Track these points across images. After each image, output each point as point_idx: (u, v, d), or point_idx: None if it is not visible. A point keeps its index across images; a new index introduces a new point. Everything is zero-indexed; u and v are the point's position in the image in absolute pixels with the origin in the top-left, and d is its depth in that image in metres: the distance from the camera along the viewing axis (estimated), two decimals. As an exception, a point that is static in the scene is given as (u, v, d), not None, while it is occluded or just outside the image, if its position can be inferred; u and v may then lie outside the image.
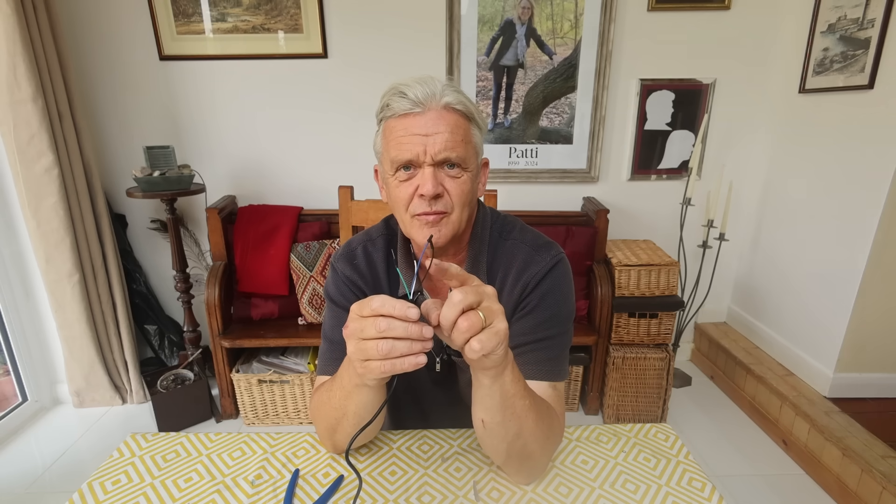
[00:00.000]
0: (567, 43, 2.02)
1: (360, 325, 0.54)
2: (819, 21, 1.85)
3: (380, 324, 0.52)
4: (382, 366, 0.53)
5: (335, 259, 0.85)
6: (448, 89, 0.70)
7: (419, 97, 0.68)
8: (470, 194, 0.73)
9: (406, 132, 0.69)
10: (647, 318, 1.91)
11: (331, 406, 0.71)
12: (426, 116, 0.68)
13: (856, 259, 1.70)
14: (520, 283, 0.77)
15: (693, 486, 0.72)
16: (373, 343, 0.52)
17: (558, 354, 0.76)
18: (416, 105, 0.68)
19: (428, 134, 0.68)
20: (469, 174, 0.72)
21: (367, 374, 0.56)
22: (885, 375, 1.79)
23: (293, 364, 1.98)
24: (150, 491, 0.71)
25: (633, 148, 2.16)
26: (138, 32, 1.98)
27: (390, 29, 2.01)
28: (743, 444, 1.87)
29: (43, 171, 1.77)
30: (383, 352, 0.52)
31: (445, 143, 0.68)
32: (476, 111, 0.73)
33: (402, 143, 0.69)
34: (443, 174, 0.70)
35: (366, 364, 0.54)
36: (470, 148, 0.71)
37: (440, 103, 0.69)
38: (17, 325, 2.01)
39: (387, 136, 0.72)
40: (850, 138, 1.74)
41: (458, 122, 0.70)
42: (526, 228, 0.84)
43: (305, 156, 2.16)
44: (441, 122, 0.68)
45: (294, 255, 2.00)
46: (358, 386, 0.64)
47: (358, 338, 0.54)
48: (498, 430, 0.65)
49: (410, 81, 0.69)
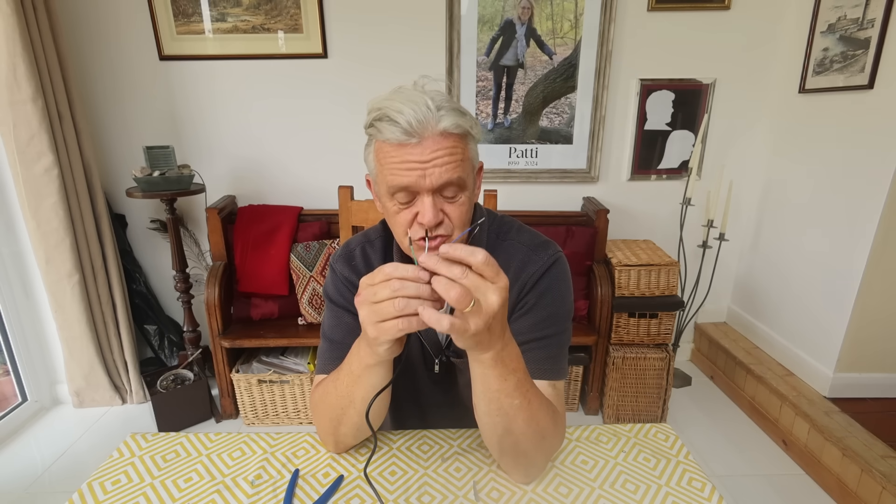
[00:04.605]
0: (567, 43, 2.02)
1: (373, 290, 0.56)
2: (819, 21, 1.85)
3: (393, 284, 0.55)
4: (399, 323, 0.55)
5: (334, 260, 0.86)
6: (444, 111, 0.65)
7: (413, 125, 0.63)
8: (468, 213, 0.72)
9: (402, 160, 0.65)
10: (647, 318, 1.91)
11: (336, 395, 0.72)
12: (422, 146, 0.64)
13: (856, 259, 1.70)
14: (518, 282, 0.77)
15: (693, 486, 0.72)
16: (387, 303, 0.55)
17: (557, 353, 0.76)
18: (411, 135, 0.64)
19: (426, 161, 0.64)
20: (467, 193, 0.70)
21: (382, 336, 0.58)
22: (885, 375, 1.79)
23: (293, 364, 1.98)
24: (150, 491, 0.71)
25: (633, 148, 2.16)
26: (138, 32, 1.98)
27: (390, 29, 2.01)
28: (743, 444, 1.87)
29: (43, 171, 1.77)
30: (399, 307, 0.54)
31: (444, 168, 0.65)
32: (472, 124, 0.69)
33: (398, 171, 0.66)
34: (441, 200, 0.68)
35: (380, 325, 0.57)
36: (467, 165, 0.69)
37: (437, 130, 0.64)
38: (17, 325, 2.01)
39: (380, 160, 0.68)
40: (850, 138, 1.74)
41: (456, 144, 0.66)
42: (523, 228, 0.84)
43: (305, 156, 2.16)
44: (438, 147, 0.65)
45: (294, 255, 2.00)
46: (369, 366, 0.66)
47: (371, 301, 0.57)
48: (484, 420, 0.67)
49: (399, 102, 0.64)
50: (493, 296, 0.53)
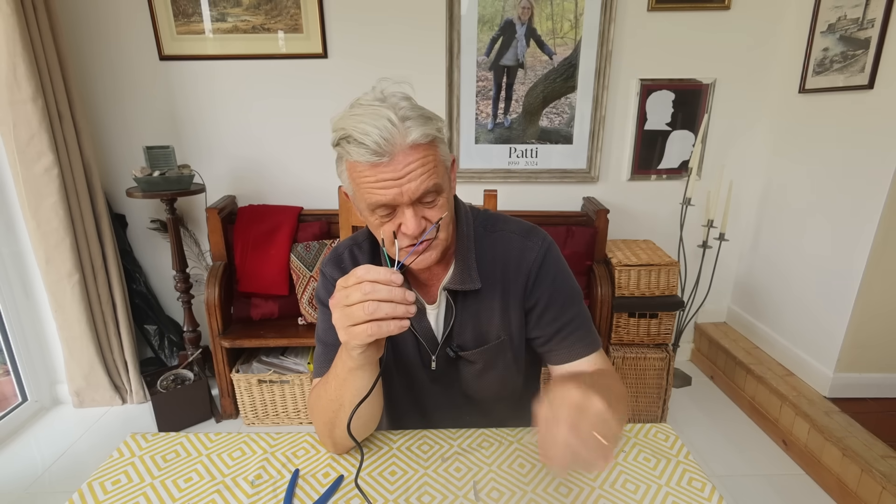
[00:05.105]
0: (567, 43, 2.02)
1: (346, 293, 0.56)
2: (819, 21, 1.85)
3: (364, 287, 0.54)
4: (369, 328, 0.55)
5: (324, 264, 0.87)
6: (409, 122, 0.64)
7: (380, 145, 0.62)
8: (449, 209, 0.73)
9: (376, 179, 0.65)
10: (647, 318, 1.91)
11: (327, 399, 0.72)
12: (394, 163, 0.64)
13: (856, 259, 1.70)
14: (522, 271, 0.81)
15: (693, 486, 0.72)
16: (358, 306, 0.55)
17: (588, 326, 0.83)
18: (380, 155, 0.63)
19: (400, 178, 0.64)
20: (445, 194, 0.71)
21: (353, 340, 0.58)
22: (885, 375, 1.79)
23: (293, 364, 1.98)
24: (150, 491, 0.71)
25: (633, 148, 2.16)
26: (138, 32, 1.98)
27: (390, 29, 2.01)
28: (743, 444, 1.87)
29: (43, 171, 1.77)
30: (368, 311, 0.54)
31: (419, 180, 0.65)
32: (438, 128, 0.68)
33: (374, 190, 0.66)
34: (422, 208, 0.69)
35: (351, 329, 0.56)
36: (441, 169, 0.69)
37: (405, 144, 0.64)
38: (17, 325, 2.01)
39: (354, 179, 0.68)
40: (849, 138, 1.74)
41: (427, 153, 0.66)
42: (509, 219, 0.86)
43: (305, 156, 2.16)
44: (410, 160, 0.64)
45: (294, 255, 2.00)
46: (352, 370, 0.66)
47: (343, 304, 0.56)
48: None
49: (363, 122, 0.62)
50: (616, 426, 0.53)
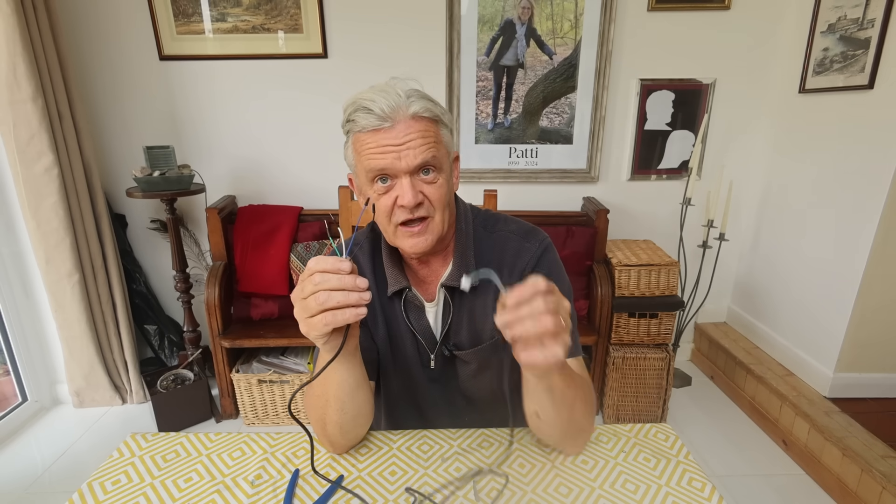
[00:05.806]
0: (567, 43, 2.02)
1: (301, 286, 0.58)
2: (819, 21, 1.85)
3: (314, 278, 0.56)
4: (323, 318, 0.56)
5: None
6: (413, 97, 0.70)
7: (385, 111, 0.68)
8: (448, 195, 0.76)
9: (377, 145, 0.69)
10: (647, 318, 1.91)
11: (315, 397, 0.74)
12: (395, 129, 0.69)
13: (856, 259, 1.70)
14: (516, 271, 0.81)
15: (693, 486, 0.72)
16: (311, 297, 0.56)
17: (574, 334, 0.79)
18: (384, 119, 0.68)
19: (400, 144, 0.69)
20: (444, 175, 0.74)
21: (312, 331, 0.59)
22: (885, 375, 1.79)
23: (293, 364, 1.98)
24: (149, 491, 0.71)
25: (633, 148, 2.16)
26: (138, 32, 1.98)
27: (390, 29, 2.01)
28: (743, 444, 1.87)
29: (43, 171, 1.77)
30: (320, 301, 0.56)
31: (419, 150, 0.69)
32: (443, 112, 0.74)
33: (375, 156, 0.70)
34: (420, 182, 0.72)
35: (309, 321, 0.58)
36: (442, 148, 0.73)
37: (407, 113, 0.69)
38: (17, 325, 2.01)
39: (358, 150, 0.72)
40: (850, 138, 1.74)
41: (428, 127, 0.71)
42: (509, 218, 0.87)
43: (305, 156, 2.16)
44: (411, 130, 0.69)
45: (294, 255, 2.00)
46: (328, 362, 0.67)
47: (299, 298, 0.58)
48: (553, 419, 0.68)
49: (372, 94, 0.69)
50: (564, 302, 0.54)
